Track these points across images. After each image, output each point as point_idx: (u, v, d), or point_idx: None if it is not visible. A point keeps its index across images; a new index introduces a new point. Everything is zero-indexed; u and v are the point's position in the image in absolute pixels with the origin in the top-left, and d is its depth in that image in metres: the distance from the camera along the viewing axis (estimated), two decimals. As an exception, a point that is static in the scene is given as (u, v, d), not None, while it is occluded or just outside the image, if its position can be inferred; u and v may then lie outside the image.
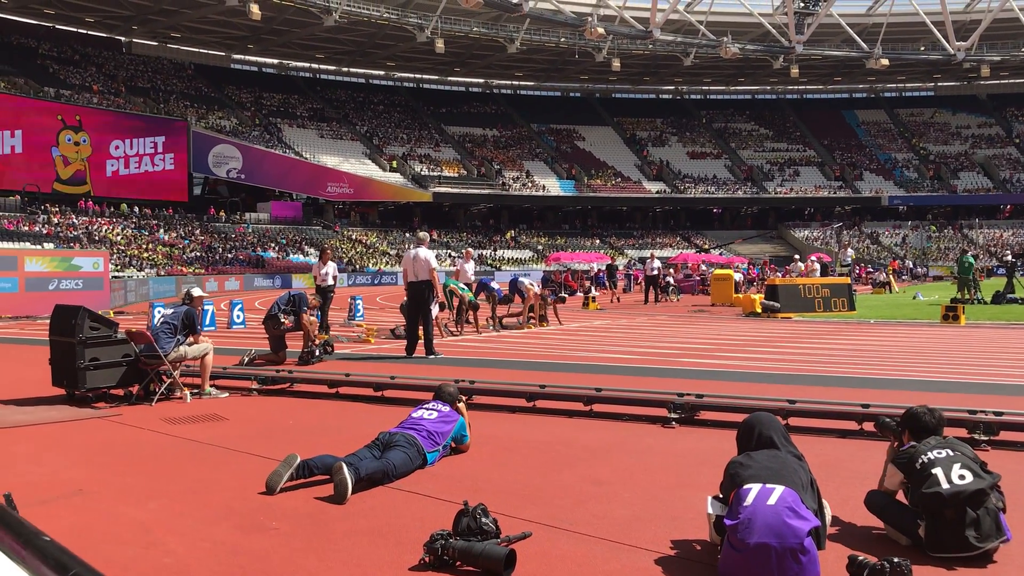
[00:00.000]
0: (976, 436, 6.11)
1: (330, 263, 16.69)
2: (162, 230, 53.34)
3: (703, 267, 44.17)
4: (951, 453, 4.10)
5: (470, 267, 19.47)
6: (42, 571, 1.27)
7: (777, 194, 78.79)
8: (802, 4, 60.12)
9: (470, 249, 27.10)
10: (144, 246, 48.99)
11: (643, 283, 31.99)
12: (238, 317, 19.85)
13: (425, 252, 12.73)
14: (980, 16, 61.27)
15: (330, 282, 16.56)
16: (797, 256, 39.58)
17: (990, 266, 58.10)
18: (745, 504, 3.74)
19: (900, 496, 4.34)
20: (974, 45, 62.46)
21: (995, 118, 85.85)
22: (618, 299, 32.13)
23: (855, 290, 24.85)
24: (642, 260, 45.63)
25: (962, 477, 3.98)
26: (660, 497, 5.04)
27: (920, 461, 4.11)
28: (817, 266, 31.37)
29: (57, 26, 64.01)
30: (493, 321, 18.09)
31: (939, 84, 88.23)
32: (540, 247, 70.62)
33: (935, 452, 4.12)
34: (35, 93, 55.42)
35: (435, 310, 13.42)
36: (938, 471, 4.02)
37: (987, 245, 71.72)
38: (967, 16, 63.95)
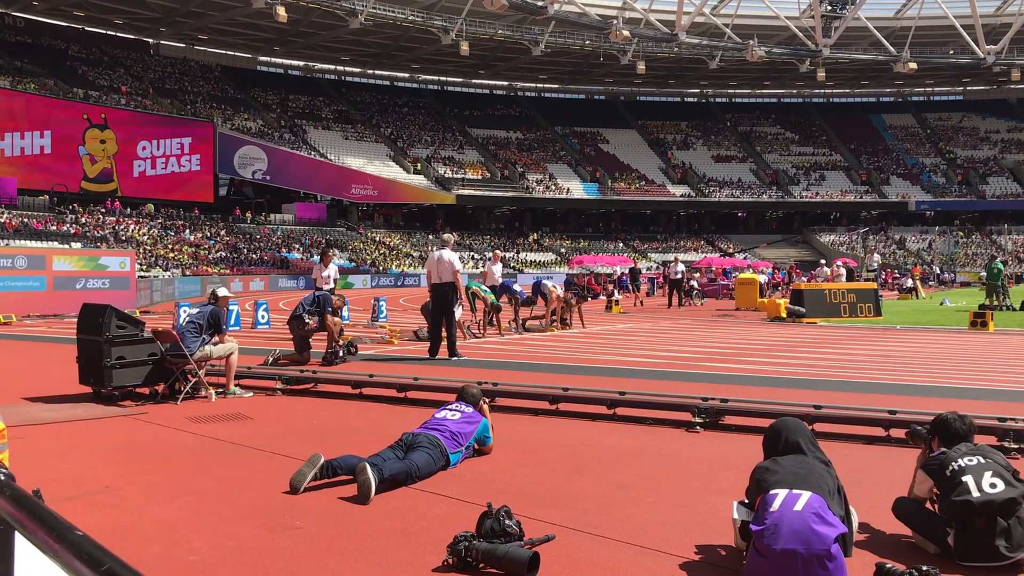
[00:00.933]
0: (1006, 444, 6.01)
1: (332, 265, 16.63)
2: (188, 230, 53.76)
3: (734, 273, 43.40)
4: (982, 460, 4.04)
5: (498, 269, 19.48)
6: (75, 566, 1.27)
7: (803, 198, 78.22)
8: (829, 7, 59.71)
9: (499, 252, 27.12)
10: (170, 246, 49.41)
11: (666, 287, 31.88)
12: (263, 317, 19.97)
13: (449, 254, 12.73)
14: (1011, 19, 60.56)
15: (331, 284, 16.50)
16: (823, 261, 39.30)
17: (1019, 272, 57.46)
18: (771, 510, 3.71)
19: (929, 505, 4.29)
20: (1004, 49, 61.71)
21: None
22: (641, 303, 32.02)
23: (881, 295, 24.63)
24: (666, 264, 45.43)
25: (993, 485, 3.91)
26: (684, 502, 5.01)
27: (950, 468, 4.05)
28: (843, 271, 31.05)
29: (86, 28, 64.74)
30: (516, 324, 18.08)
31: (968, 88, 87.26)
32: (563, 250, 70.53)
33: (966, 459, 4.06)
34: (64, 94, 56.07)
35: (458, 312, 13.42)
36: (968, 479, 3.96)
37: (1016, 251, 70.87)
38: (997, 19, 63.26)
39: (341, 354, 12.37)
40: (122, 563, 1.28)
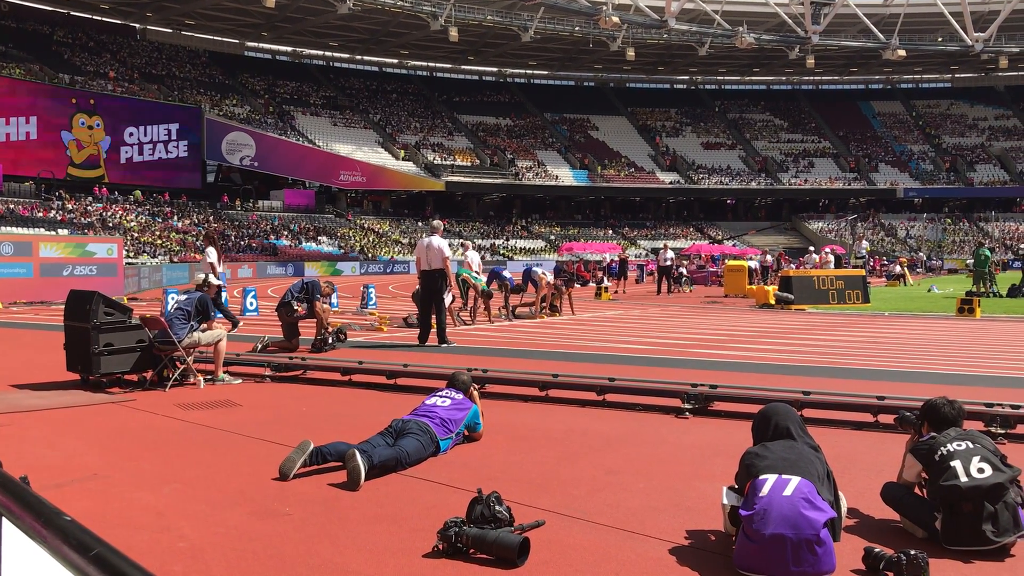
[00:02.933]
0: (993, 429, 6.05)
1: (208, 249, 15.66)
2: (175, 217, 53.52)
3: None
4: (971, 445, 4.07)
5: (473, 257, 19.30)
6: (63, 551, 1.26)
7: (791, 185, 78.36)
8: (818, -6, 59.79)
9: (468, 242, 27.28)
10: (158, 233, 49.19)
11: (656, 274, 31.86)
12: (251, 304, 19.91)
13: (439, 241, 12.70)
14: (999, 7, 60.75)
15: (215, 269, 15.32)
16: (811, 248, 39.41)
17: (1006, 259, 57.80)
18: (761, 495, 3.72)
19: (917, 490, 4.32)
20: (992, 36, 61.96)
21: (1012, 110, 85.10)
22: (624, 291, 31.72)
23: (869, 282, 24.72)
24: (655, 251, 45.52)
25: (981, 470, 3.94)
26: (674, 487, 5.03)
27: (939, 453, 4.08)
28: (831, 258, 31.14)
29: (72, 12, 64.15)
30: (506, 311, 18.08)
31: (956, 76, 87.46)
32: (553, 237, 70.51)
33: (955, 444, 4.08)
34: (50, 79, 55.59)
35: (448, 299, 13.38)
36: (957, 464, 3.98)
37: (1003, 238, 71.24)
38: (985, 7, 63.42)
39: (330, 341, 12.34)
40: (111, 548, 1.27)
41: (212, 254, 15.35)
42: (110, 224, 46.99)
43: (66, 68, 58.64)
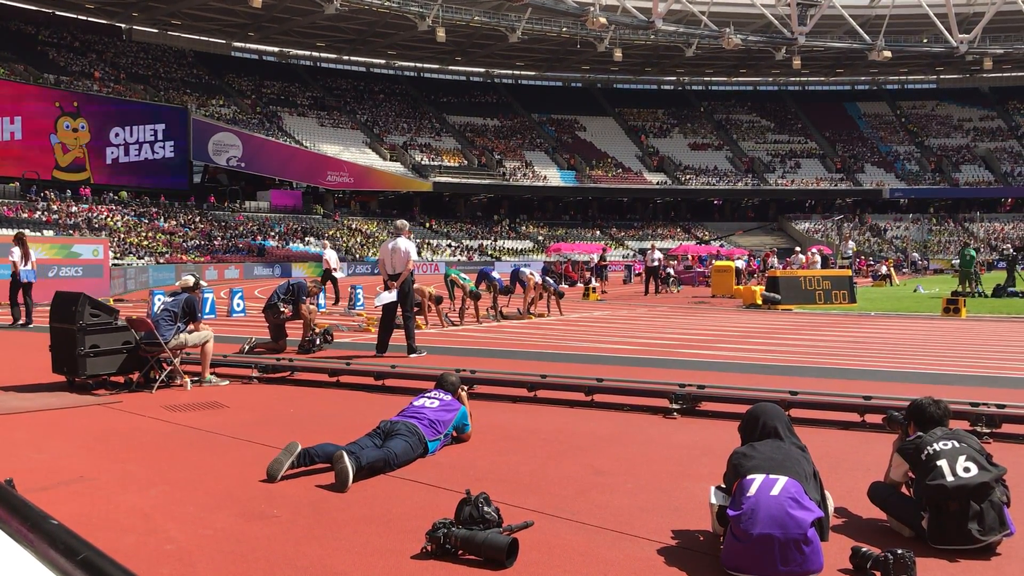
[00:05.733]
0: (978, 429, 6.09)
1: (12, 249, 15.57)
2: (162, 218, 53.26)
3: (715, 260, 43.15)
4: (957, 445, 4.09)
5: (332, 256, 21.16)
6: (50, 555, 1.25)
7: (778, 186, 78.63)
8: (804, -5, 60.03)
9: (326, 241, 30.01)
10: (144, 234, 48.94)
11: (643, 274, 31.90)
12: (238, 305, 19.85)
13: (405, 243, 11.97)
14: (983, 8, 61.11)
15: (23, 267, 15.28)
16: (798, 248, 39.56)
17: (991, 259, 58.15)
18: (748, 494, 3.73)
19: (904, 489, 4.34)
20: (977, 38, 62.32)
21: (997, 111, 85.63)
22: (604, 291, 31.64)
23: (856, 283, 24.83)
24: (643, 251, 45.60)
25: (967, 470, 3.96)
26: (662, 487, 5.04)
27: (926, 452, 4.10)
28: (818, 258, 31.25)
29: (57, 12, 63.77)
30: (494, 311, 18.08)
31: (941, 77, 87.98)
32: (540, 238, 70.54)
33: (941, 443, 4.10)
34: (35, 80, 55.24)
35: (385, 298, 12.49)
36: (943, 463, 4.00)
37: (988, 238, 71.69)
38: (970, 8, 63.79)
39: (318, 342, 12.30)
40: (98, 552, 1.27)
41: (15, 253, 15.63)
42: (96, 225, 46.73)
43: (51, 68, 58.29)
